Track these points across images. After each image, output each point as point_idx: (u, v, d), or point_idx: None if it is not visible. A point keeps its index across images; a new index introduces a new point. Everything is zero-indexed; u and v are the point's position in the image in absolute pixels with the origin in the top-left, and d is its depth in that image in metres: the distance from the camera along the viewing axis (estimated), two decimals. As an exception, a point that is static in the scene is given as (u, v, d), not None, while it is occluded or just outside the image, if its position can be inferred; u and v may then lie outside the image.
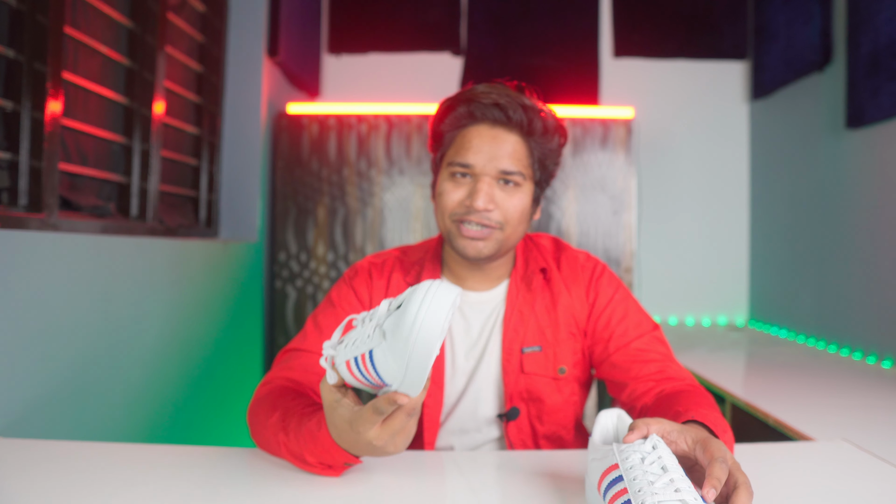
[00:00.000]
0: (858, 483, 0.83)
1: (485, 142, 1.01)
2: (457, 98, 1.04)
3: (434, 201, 1.08)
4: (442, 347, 1.08)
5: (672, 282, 2.95)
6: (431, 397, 1.07)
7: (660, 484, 0.60)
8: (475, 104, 1.02)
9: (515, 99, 1.01)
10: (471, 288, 1.11)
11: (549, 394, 1.07)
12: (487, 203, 1.00)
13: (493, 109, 1.01)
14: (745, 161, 3.00)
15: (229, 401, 2.06)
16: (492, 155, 1.00)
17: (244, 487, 0.79)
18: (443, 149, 1.06)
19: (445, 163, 1.05)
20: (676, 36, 2.98)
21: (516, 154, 1.02)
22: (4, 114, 1.20)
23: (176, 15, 1.87)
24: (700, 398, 0.90)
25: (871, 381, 1.69)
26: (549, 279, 1.10)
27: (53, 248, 1.19)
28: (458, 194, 1.02)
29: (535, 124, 1.02)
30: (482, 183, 1.00)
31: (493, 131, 1.02)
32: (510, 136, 1.02)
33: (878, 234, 2.02)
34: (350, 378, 0.72)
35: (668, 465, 0.63)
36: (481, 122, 1.03)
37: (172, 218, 1.86)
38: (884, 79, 1.93)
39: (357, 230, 2.49)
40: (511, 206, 1.02)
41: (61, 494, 0.75)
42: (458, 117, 1.04)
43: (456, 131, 1.05)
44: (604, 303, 1.08)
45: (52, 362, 1.18)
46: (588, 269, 1.11)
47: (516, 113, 1.01)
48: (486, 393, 1.08)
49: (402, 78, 2.98)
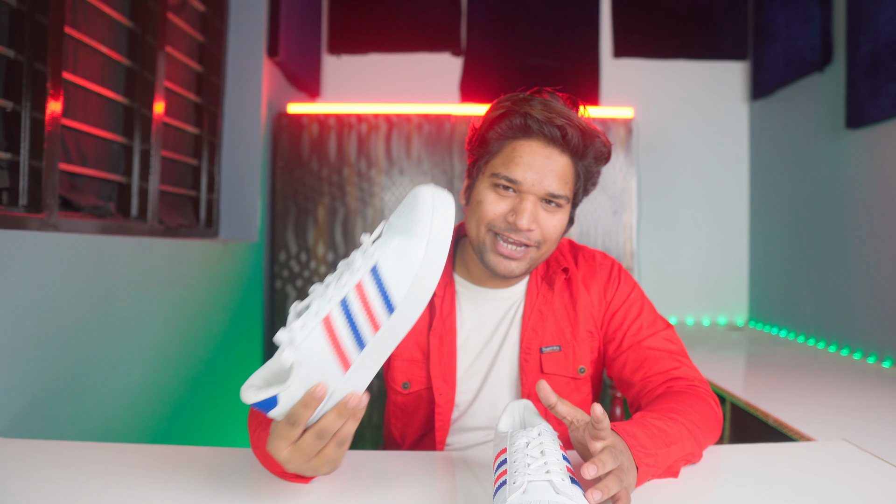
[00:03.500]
0: (858, 483, 0.83)
1: (536, 160, 0.97)
2: (512, 108, 0.98)
3: (466, 205, 1.05)
4: (453, 343, 1.07)
5: (672, 282, 2.95)
6: (443, 396, 1.06)
7: (535, 466, 0.66)
8: (532, 118, 0.96)
9: (574, 120, 0.97)
10: (487, 286, 1.09)
11: (567, 394, 1.07)
12: (531, 223, 0.97)
13: (551, 128, 0.96)
14: (745, 161, 3.00)
15: (229, 401, 2.06)
16: (541, 175, 0.96)
17: (244, 487, 0.79)
18: (488, 156, 1.01)
19: (489, 171, 1.00)
20: (676, 36, 2.98)
21: (565, 177, 0.98)
22: (4, 114, 1.20)
23: (176, 15, 1.87)
24: (687, 405, 0.89)
25: (871, 381, 1.69)
26: (569, 279, 1.10)
27: (53, 248, 1.19)
28: (500, 207, 0.98)
29: (589, 150, 0.99)
30: (528, 202, 0.97)
31: (547, 150, 0.97)
32: (562, 158, 0.98)
33: (878, 233, 2.02)
34: (322, 351, 0.65)
35: (547, 451, 0.68)
36: (535, 138, 0.98)
37: (172, 218, 1.86)
38: (884, 79, 1.93)
39: (357, 230, 2.49)
40: (551, 226, 0.99)
41: (61, 494, 0.75)
42: (511, 128, 0.98)
43: (506, 141, 0.99)
44: (619, 301, 1.08)
45: (52, 362, 1.18)
46: (606, 267, 1.11)
47: (574, 137, 0.96)
48: (502, 392, 1.08)
49: (402, 78, 2.98)
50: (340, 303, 0.65)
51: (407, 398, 1.09)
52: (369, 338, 0.66)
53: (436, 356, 1.06)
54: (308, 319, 0.65)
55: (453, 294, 1.08)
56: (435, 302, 1.07)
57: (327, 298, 0.66)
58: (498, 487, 0.67)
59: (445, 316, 1.07)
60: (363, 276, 0.66)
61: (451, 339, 1.07)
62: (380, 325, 0.66)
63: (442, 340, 1.06)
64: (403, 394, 1.09)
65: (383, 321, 0.67)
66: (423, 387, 1.08)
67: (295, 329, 0.65)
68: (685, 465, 0.86)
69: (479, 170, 1.03)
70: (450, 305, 1.07)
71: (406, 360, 1.08)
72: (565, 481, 0.65)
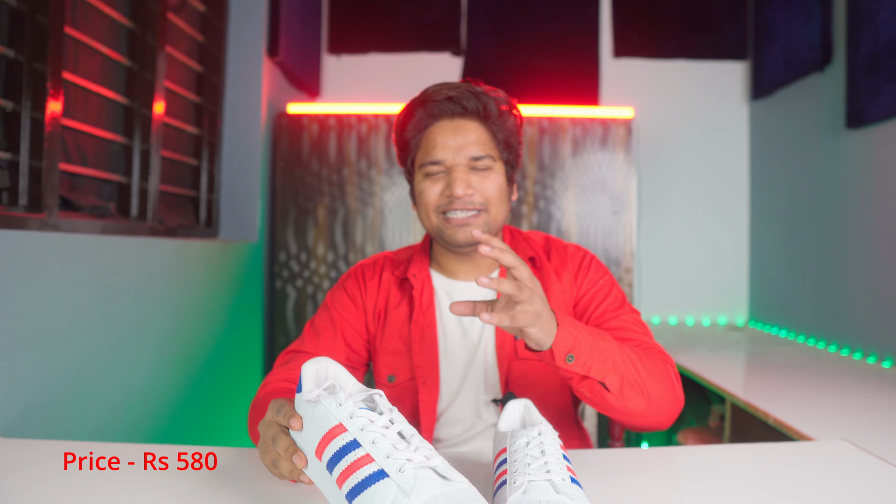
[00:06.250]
0: (858, 483, 0.83)
1: (448, 136, 1.04)
2: (411, 104, 1.08)
3: (415, 207, 1.11)
4: (434, 333, 1.10)
5: (672, 282, 2.95)
6: (426, 385, 1.10)
7: (535, 465, 0.66)
8: (430, 104, 1.06)
9: (466, 88, 1.05)
10: (460, 278, 1.13)
11: (546, 377, 1.10)
12: (466, 189, 1.03)
13: (448, 104, 1.05)
14: (745, 161, 3.00)
15: (229, 401, 2.06)
16: (458, 146, 1.04)
17: (244, 487, 0.79)
18: (411, 154, 1.10)
19: (417, 166, 1.08)
20: (676, 36, 2.98)
21: (480, 140, 1.05)
22: (4, 114, 1.20)
23: (176, 15, 1.87)
24: (634, 350, 0.92)
25: (871, 381, 1.69)
26: (539, 268, 1.13)
27: (53, 248, 1.19)
28: (436, 188, 1.05)
29: (490, 108, 1.06)
30: (457, 172, 1.03)
31: (454, 124, 1.05)
32: (470, 125, 1.06)
33: (878, 234, 2.02)
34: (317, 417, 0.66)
35: (548, 450, 0.68)
36: (440, 119, 1.06)
37: (172, 218, 1.86)
38: (884, 79, 1.93)
39: (357, 230, 2.49)
40: (488, 186, 1.05)
41: (61, 494, 0.75)
42: (418, 121, 1.07)
43: (420, 134, 1.08)
44: (587, 286, 1.11)
45: (52, 362, 1.18)
46: (577, 257, 1.14)
47: (470, 101, 1.05)
48: (483, 380, 1.11)
49: (402, 78, 2.98)
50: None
51: (393, 391, 1.13)
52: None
53: (417, 346, 1.10)
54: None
55: (431, 288, 1.13)
56: (414, 294, 1.11)
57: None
58: (498, 487, 0.68)
59: (425, 308, 1.11)
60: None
61: (432, 330, 1.11)
62: None
63: (423, 331, 1.10)
64: (389, 387, 1.13)
65: None
66: (407, 377, 1.11)
67: (345, 415, 0.63)
68: (620, 396, 0.86)
69: (410, 170, 1.12)
70: (429, 298, 1.12)
71: (390, 352, 1.12)
72: (566, 481, 0.65)
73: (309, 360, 0.72)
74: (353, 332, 1.12)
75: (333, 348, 1.09)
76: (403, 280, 1.14)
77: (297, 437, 0.68)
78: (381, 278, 1.15)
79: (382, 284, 1.14)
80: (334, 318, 1.12)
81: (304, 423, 0.66)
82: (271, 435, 0.71)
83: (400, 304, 1.13)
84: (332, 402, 0.64)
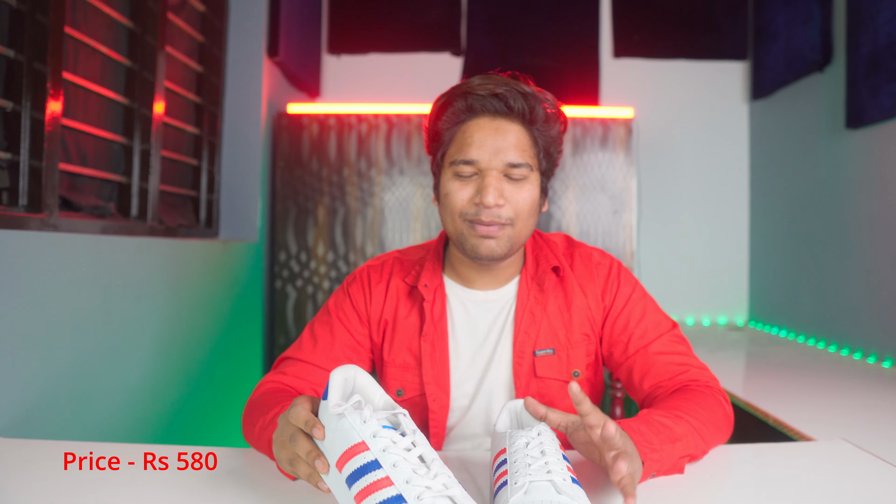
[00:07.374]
0: (858, 483, 0.83)
1: (487, 135, 0.96)
2: (452, 93, 0.99)
3: (438, 204, 1.03)
4: (445, 348, 1.04)
5: (672, 282, 2.95)
6: (437, 402, 1.03)
7: (535, 466, 0.66)
8: (473, 97, 0.96)
9: (515, 87, 0.96)
10: (476, 287, 1.07)
11: (562, 398, 1.04)
12: (497, 198, 0.94)
13: (493, 100, 0.95)
14: (745, 161, 3.00)
15: (229, 401, 2.06)
16: (496, 148, 0.95)
17: (244, 487, 0.79)
18: (443, 148, 1.01)
19: (447, 162, 0.99)
20: (676, 36, 2.98)
21: (521, 145, 0.96)
22: (4, 114, 1.20)
23: (176, 15, 1.87)
24: (693, 402, 0.89)
25: (871, 381, 1.69)
26: (562, 278, 1.06)
27: (53, 248, 1.19)
28: (465, 192, 0.96)
29: (537, 112, 0.97)
30: (490, 178, 0.95)
31: (495, 123, 0.96)
32: (513, 127, 0.97)
33: (878, 234, 2.02)
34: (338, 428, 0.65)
35: (548, 451, 0.68)
36: (481, 115, 0.97)
37: (172, 218, 1.86)
38: (884, 79, 1.93)
39: (357, 230, 2.49)
40: (521, 199, 0.97)
41: (61, 494, 0.75)
42: (456, 112, 0.98)
43: (455, 127, 0.99)
44: (621, 304, 1.05)
45: (52, 362, 1.18)
46: (604, 267, 1.07)
47: (517, 102, 0.95)
48: (497, 397, 1.05)
49: (402, 78, 2.98)
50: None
51: (402, 405, 1.06)
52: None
53: (428, 362, 1.03)
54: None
55: (444, 298, 1.06)
56: (425, 307, 1.03)
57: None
58: (498, 488, 0.67)
59: (437, 320, 1.04)
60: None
61: (444, 344, 1.04)
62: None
63: (434, 346, 1.03)
64: (398, 401, 1.06)
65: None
66: (416, 393, 1.04)
67: (371, 438, 0.62)
68: (691, 463, 0.86)
69: (439, 164, 1.02)
70: (440, 310, 1.05)
71: (399, 366, 1.05)
72: (567, 481, 0.64)
73: (338, 367, 0.70)
74: (354, 342, 1.06)
75: (329, 359, 1.03)
76: (413, 289, 1.06)
77: (318, 444, 0.67)
78: (388, 284, 1.07)
79: (390, 292, 1.06)
80: (334, 326, 1.05)
81: (327, 433, 0.65)
82: (289, 433, 0.68)
83: (409, 315, 1.05)
84: (356, 417, 0.64)
